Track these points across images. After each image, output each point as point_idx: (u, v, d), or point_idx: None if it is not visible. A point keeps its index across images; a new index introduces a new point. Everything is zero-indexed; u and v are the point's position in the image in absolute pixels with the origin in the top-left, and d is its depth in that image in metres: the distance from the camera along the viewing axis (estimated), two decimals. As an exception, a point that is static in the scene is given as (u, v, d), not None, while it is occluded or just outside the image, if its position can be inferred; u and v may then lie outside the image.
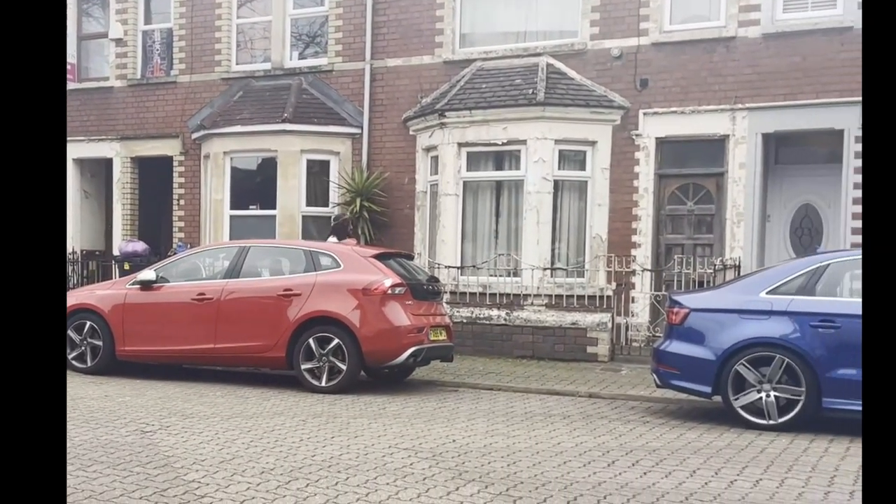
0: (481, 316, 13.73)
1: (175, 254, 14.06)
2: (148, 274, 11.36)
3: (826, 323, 8.18)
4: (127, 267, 15.88)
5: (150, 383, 10.57)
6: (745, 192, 13.58)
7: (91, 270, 17.94)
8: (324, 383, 10.15)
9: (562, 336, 13.25)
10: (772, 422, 8.24)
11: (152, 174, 18.55)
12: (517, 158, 14.49)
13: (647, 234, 14.22)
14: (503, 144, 14.48)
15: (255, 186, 16.67)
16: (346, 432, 7.67)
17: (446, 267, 14.43)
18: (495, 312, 13.69)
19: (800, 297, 8.40)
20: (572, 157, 14.49)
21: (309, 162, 16.23)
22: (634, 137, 14.22)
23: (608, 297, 13.47)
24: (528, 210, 14.23)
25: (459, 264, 14.67)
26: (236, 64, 17.61)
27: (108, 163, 18.77)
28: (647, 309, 13.92)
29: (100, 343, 11.26)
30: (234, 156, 16.60)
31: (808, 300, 8.36)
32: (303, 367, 10.26)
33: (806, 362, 8.15)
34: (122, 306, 11.26)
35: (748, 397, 8.39)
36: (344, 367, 10.11)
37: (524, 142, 14.27)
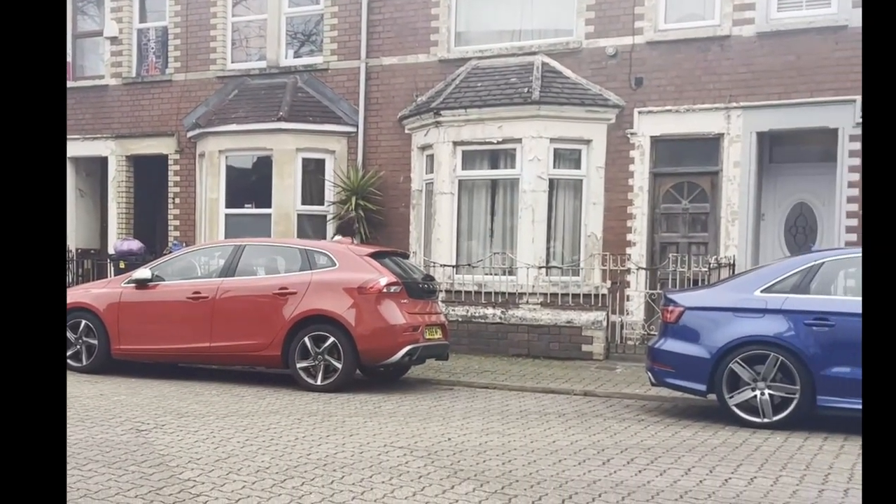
0: (476, 314, 13.74)
1: (170, 252, 14.05)
2: (143, 272, 11.35)
3: (820, 321, 8.20)
4: (122, 265, 15.88)
5: (146, 382, 10.56)
6: (739, 190, 13.61)
7: (86, 269, 17.91)
8: (319, 382, 10.15)
9: (557, 334, 13.27)
10: (766, 420, 8.27)
11: (147, 173, 18.54)
12: (512, 157, 14.50)
13: (642, 233, 14.25)
14: (498, 143, 14.49)
15: (250, 185, 16.67)
16: (341, 431, 7.68)
17: (441, 265, 14.44)
18: (490, 311, 13.70)
19: (794, 295, 8.42)
20: (567, 156, 14.51)
21: (304, 160, 16.22)
22: (629, 136, 14.24)
23: (603, 295, 13.50)
24: (524, 209, 14.24)
25: (455, 263, 14.68)
26: (231, 62, 17.60)
27: (103, 161, 18.75)
28: (642, 307, 13.94)
29: (95, 342, 11.25)
30: (229, 154, 16.60)
31: (803, 298, 8.38)
32: (298, 365, 10.26)
33: (800, 360, 8.18)
34: (117, 305, 11.25)
35: (743, 395, 8.41)
36: (339, 366, 10.11)
37: (519, 140, 14.28)
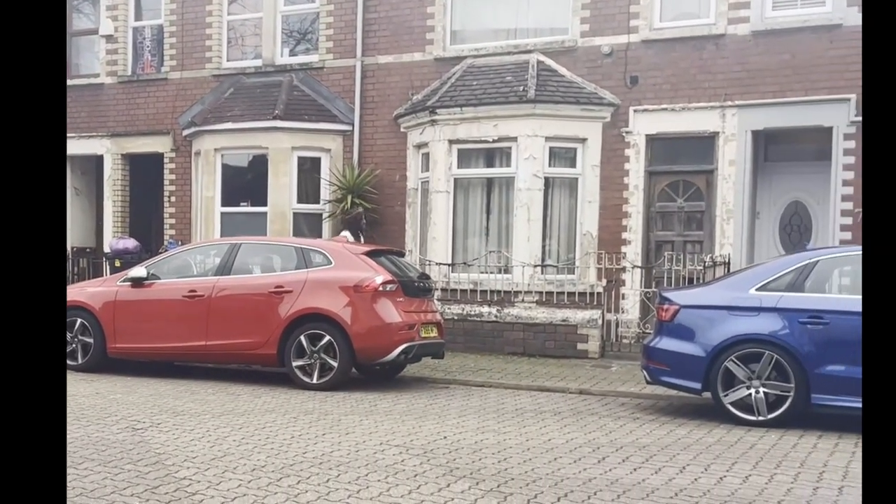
0: (472, 313, 13.75)
1: (166, 251, 14.03)
2: (139, 271, 11.34)
3: (815, 319, 8.23)
4: (118, 264, 15.86)
5: (142, 380, 10.56)
6: (734, 189, 13.63)
7: (82, 268, 17.91)
8: (315, 380, 10.15)
9: (552, 333, 13.29)
10: (761, 418, 8.29)
11: (143, 171, 18.51)
12: (508, 155, 14.51)
13: (638, 231, 14.26)
14: (494, 141, 14.50)
15: (246, 183, 16.66)
16: (337, 429, 7.68)
17: (437, 264, 14.45)
18: (486, 309, 13.71)
19: (789, 293, 8.44)
20: (563, 155, 14.52)
21: (300, 159, 16.21)
22: (624, 134, 14.25)
23: (598, 293, 13.50)
24: (519, 207, 14.25)
25: (450, 261, 14.69)
26: (227, 61, 17.59)
27: (98, 160, 18.73)
28: (638, 306, 13.97)
29: (91, 340, 11.24)
30: (225, 153, 16.58)
31: (798, 297, 8.40)
32: (294, 364, 10.27)
33: (795, 358, 8.20)
34: (112, 303, 11.24)
35: (738, 393, 8.43)
36: (335, 364, 10.12)
37: (515, 139, 14.29)
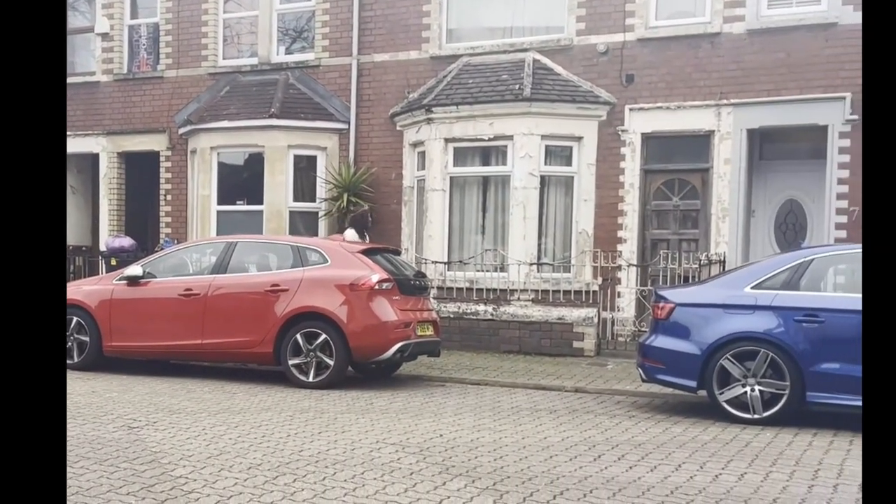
0: (468, 311, 13.76)
1: (162, 249, 14.03)
2: (135, 269, 11.33)
3: (810, 317, 8.24)
4: (114, 262, 15.86)
5: (138, 379, 10.55)
6: (730, 187, 13.65)
7: (78, 266, 17.88)
8: (311, 379, 10.16)
9: (548, 331, 13.30)
10: (756, 416, 8.31)
11: (139, 169, 18.49)
12: (504, 154, 14.52)
13: (633, 230, 14.28)
14: (490, 140, 14.50)
15: (242, 182, 16.65)
16: (333, 428, 7.69)
17: (433, 262, 14.46)
18: (482, 307, 13.73)
19: (784, 291, 8.46)
20: (558, 153, 14.53)
21: (296, 157, 16.20)
22: (620, 133, 14.26)
23: (594, 292, 13.53)
24: (515, 205, 14.26)
25: (446, 260, 14.70)
26: (223, 59, 17.57)
27: (94, 158, 18.70)
28: (633, 304, 13.99)
29: (86, 339, 11.24)
30: (220, 151, 16.58)
31: (793, 295, 8.42)
32: (290, 362, 10.27)
33: (790, 356, 8.22)
34: (108, 302, 11.24)
35: (733, 391, 8.45)
36: (331, 363, 10.12)
37: (511, 137, 14.30)
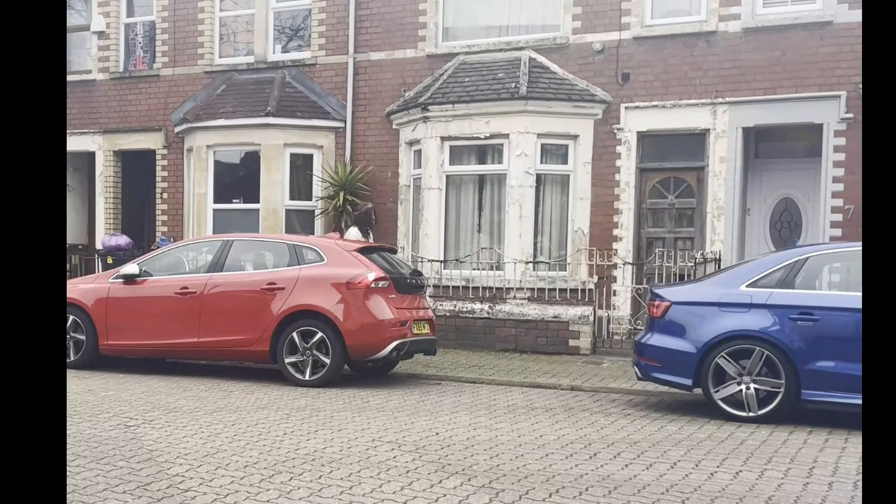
0: (464, 309, 13.78)
1: (158, 248, 14.03)
2: (131, 268, 11.33)
3: (805, 316, 8.27)
4: (110, 261, 15.84)
5: (134, 377, 10.56)
6: (725, 185, 13.67)
7: (74, 265, 17.86)
8: (307, 377, 10.18)
9: (544, 329, 13.32)
10: (752, 414, 8.34)
11: (135, 168, 18.48)
12: (500, 152, 14.52)
13: (629, 228, 14.30)
14: (486, 138, 14.51)
15: (238, 180, 16.65)
16: (329, 426, 7.70)
17: (429, 261, 14.47)
18: (478, 306, 13.74)
19: (779, 290, 8.48)
20: (554, 151, 14.55)
21: (292, 156, 16.19)
22: (616, 131, 14.28)
23: (590, 290, 13.55)
24: (511, 204, 14.28)
25: (442, 258, 14.71)
26: (219, 57, 17.55)
27: (90, 156, 18.67)
28: (629, 302, 14.00)
29: (83, 337, 11.24)
30: (217, 149, 16.56)
31: (788, 293, 8.45)
32: (286, 360, 10.28)
33: (785, 355, 8.25)
34: (105, 300, 11.24)
35: (728, 389, 8.47)
36: (327, 361, 10.14)
37: (507, 136, 14.31)
